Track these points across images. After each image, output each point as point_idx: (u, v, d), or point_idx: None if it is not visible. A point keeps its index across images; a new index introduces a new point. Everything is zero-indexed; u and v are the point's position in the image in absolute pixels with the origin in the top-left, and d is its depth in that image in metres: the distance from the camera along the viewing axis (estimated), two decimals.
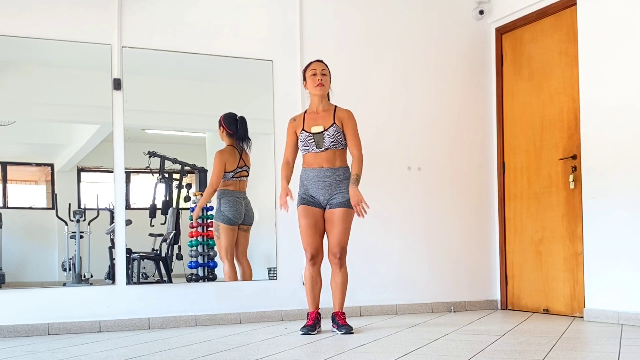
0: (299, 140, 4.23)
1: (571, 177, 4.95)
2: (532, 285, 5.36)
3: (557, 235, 5.11)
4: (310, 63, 4.31)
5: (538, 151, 5.31)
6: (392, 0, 5.52)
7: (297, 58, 5.16)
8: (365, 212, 4.12)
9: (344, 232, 4.18)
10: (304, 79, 4.31)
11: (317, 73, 4.24)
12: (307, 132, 4.21)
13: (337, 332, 4.17)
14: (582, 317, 4.83)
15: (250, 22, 5.08)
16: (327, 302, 4.45)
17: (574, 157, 4.95)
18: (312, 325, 4.18)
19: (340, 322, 4.18)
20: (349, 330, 4.14)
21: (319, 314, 4.26)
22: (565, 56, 5.08)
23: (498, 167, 5.72)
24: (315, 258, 4.19)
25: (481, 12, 5.73)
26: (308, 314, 4.26)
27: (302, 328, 4.19)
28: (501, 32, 5.71)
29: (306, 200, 4.21)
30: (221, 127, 5.00)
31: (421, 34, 5.60)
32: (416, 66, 5.56)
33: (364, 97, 5.36)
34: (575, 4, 4.93)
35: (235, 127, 5.00)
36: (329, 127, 4.20)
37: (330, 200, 4.20)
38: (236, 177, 4.99)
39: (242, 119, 5.01)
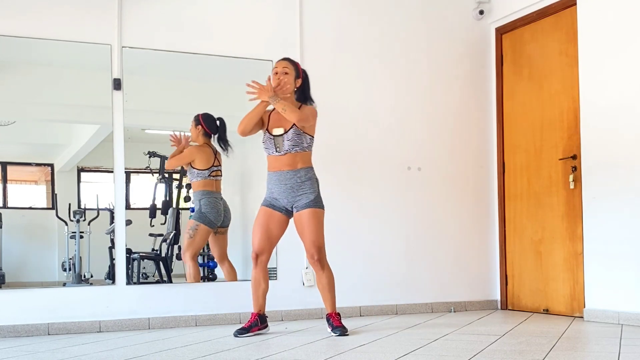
0: (262, 141, 4.15)
1: (571, 177, 4.95)
2: (532, 285, 5.36)
3: (557, 235, 5.11)
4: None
5: (538, 151, 5.31)
6: (392, 0, 5.52)
7: (297, 58, 5.15)
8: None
9: (316, 231, 4.07)
10: None
11: (278, 72, 4.14)
12: (269, 133, 4.12)
13: (332, 334, 4.08)
14: (582, 317, 4.83)
15: (250, 22, 5.08)
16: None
17: (574, 157, 4.95)
18: (246, 328, 4.09)
19: (335, 323, 4.09)
20: (343, 331, 4.04)
21: (261, 315, 4.18)
22: (565, 56, 5.08)
23: (498, 167, 5.72)
24: (259, 257, 4.12)
25: (481, 12, 5.73)
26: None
27: (236, 330, 4.13)
28: (501, 32, 5.71)
29: (269, 202, 4.16)
30: (199, 126, 4.95)
31: (421, 34, 5.60)
32: (416, 66, 5.55)
33: (364, 96, 5.36)
34: (575, 4, 4.93)
35: (215, 128, 4.98)
36: (289, 130, 4.08)
37: (295, 204, 4.11)
38: (213, 177, 4.96)
39: (222, 120, 4.99)
